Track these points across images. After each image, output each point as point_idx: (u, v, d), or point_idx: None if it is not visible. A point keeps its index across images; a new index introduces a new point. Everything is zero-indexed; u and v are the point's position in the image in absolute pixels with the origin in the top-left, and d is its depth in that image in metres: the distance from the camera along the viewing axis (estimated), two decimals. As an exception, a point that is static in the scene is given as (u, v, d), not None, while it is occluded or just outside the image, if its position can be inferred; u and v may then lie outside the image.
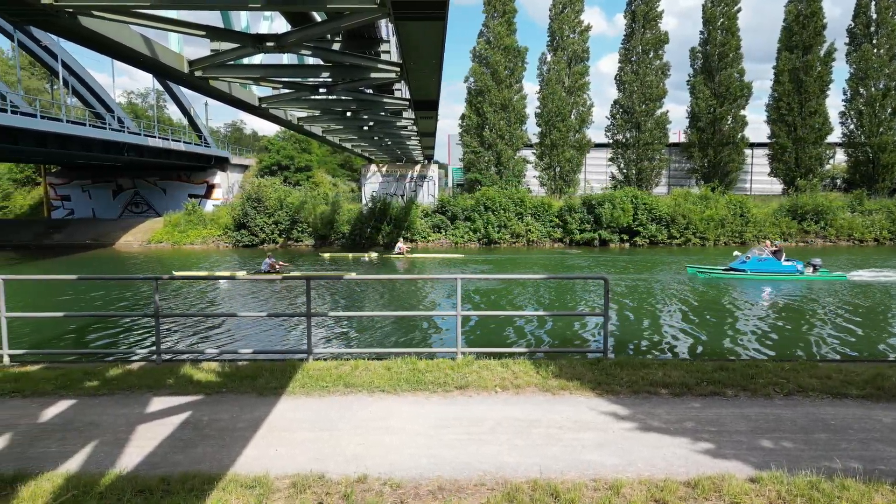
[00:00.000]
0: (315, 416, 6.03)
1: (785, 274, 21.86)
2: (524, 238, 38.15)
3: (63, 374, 7.21)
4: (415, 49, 10.23)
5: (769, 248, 22.93)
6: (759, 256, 22.60)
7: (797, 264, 22.18)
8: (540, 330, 14.66)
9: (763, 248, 23.12)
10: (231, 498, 4.38)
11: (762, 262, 22.38)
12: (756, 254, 22.78)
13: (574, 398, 6.45)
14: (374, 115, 20.30)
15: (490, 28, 41.71)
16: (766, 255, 22.47)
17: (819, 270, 21.81)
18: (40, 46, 33.56)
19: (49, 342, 13.56)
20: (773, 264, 22.24)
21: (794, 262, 22.42)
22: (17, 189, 49.97)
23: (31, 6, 7.39)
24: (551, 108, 41.93)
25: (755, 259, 22.55)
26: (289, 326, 14.97)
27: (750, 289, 20.67)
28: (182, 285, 21.48)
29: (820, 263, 21.97)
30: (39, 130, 27.78)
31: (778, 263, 22.24)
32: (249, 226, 38.70)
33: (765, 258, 22.43)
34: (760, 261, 22.41)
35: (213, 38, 11.10)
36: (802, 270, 21.96)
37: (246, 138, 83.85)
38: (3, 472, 4.73)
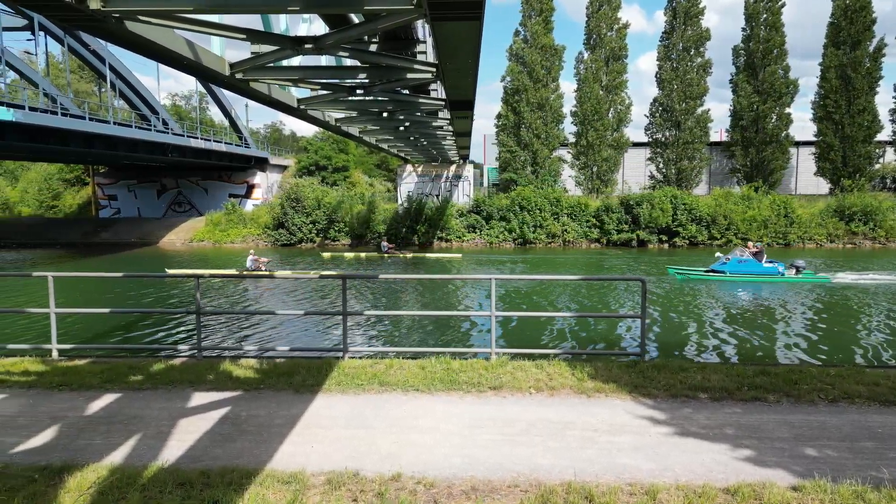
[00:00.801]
0: (350, 413, 6.09)
1: (765, 275, 21.60)
2: (560, 238, 37.85)
3: (109, 369, 7.45)
4: (451, 49, 10.25)
5: (750, 250, 22.81)
6: (739, 258, 22.49)
7: (778, 266, 21.97)
8: (575, 331, 14.52)
9: (744, 250, 22.99)
10: (268, 493, 4.46)
11: (742, 263, 22.23)
12: (737, 255, 22.66)
13: (610, 401, 6.38)
14: (410, 115, 20.40)
15: (527, 26, 41.49)
16: (747, 257, 22.33)
17: (803, 272, 21.59)
18: (89, 50, 34.69)
19: (96, 337, 14.01)
20: (753, 266, 22.03)
21: (775, 263, 22.21)
22: (66, 189, 51.75)
23: (80, 11, 7.65)
24: (588, 107, 41.49)
25: (735, 260, 22.45)
26: (325, 325, 15.16)
27: (727, 290, 20.28)
28: (223, 284, 21.95)
29: (803, 265, 21.82)
30: (88, 132, 28.74)
31: (758, 265, 22.03)
32: (288, 225, 39.33)
33: (745, 260, 22.28)
34: (740, 262, 22.28)
35: (253, 40, 11.31)
36: (783, 272, 21.73)
37: (285, 139, 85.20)
38: (52, 463, 4.92)
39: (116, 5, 7.83)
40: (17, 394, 6.71)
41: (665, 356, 11.86)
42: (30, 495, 4.36)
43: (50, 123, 25.88)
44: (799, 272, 21.52)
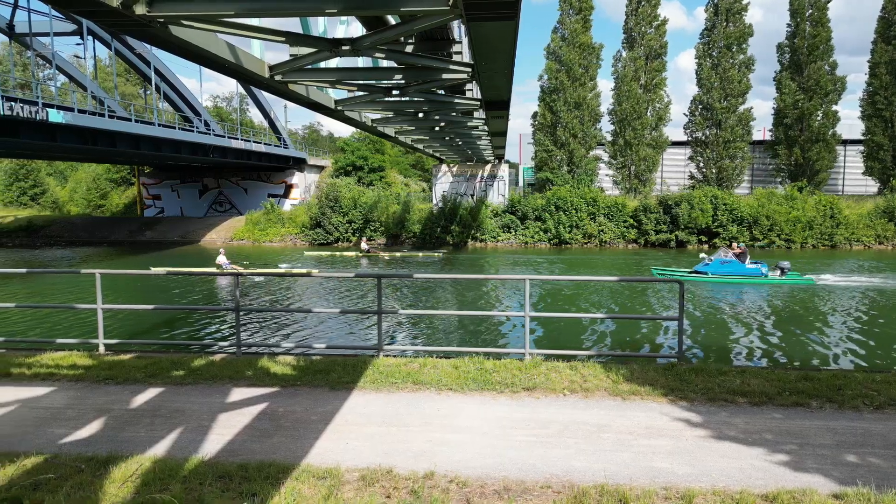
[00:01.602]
0: (384, 411, 6.16)
1: (748, 276, 21.43)
2: (597, 239, 37.45)
3: (152, 364, 7.68)
4: (486, 49, 10.25)
5: (734, 251, 22.77)
6: (721, 259, 22.45)
7: (762, 267, 21.81)
8: (610, 333, 14.37)
9: (728, 251, 22.93)
10: (304, 487, 4.55)
11: (725, 264, 22.14)
12: (722, 256, 22.59)
13: (645, 404, 6.30)
14: (446, 115, 20.46)
15: (565, 25, 41.16)
16: (730, 258, 22.27)
17: (787, 274, 21.37)
18: (134, 54, 35.76)
19: (140, 333, 14.45)
20: (735, 267, 21.94)
21: (759, 264, 22.06)
22: (113, 189, 53.43)
23: (126, 17, 7.91)
24: (626, 107, 40.92)
25: (717, 262, 22.40)
26: (360, 323, 15.32)
27: (710, 291, 20.12)
28: (262, 282, 22.38)
29: (788, 267, 21.55)
30: (134, 133, 29.62)
31: (741, 266, 21.92)
32: (325, 224, 39.85)
33: (728, 261, 22.20)
34: (723, 263, 22.19)
35: (292, 43, 11.50)
36: (766, 273, 21.58)
37: (322, 140, 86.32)
38: (98, 454, 5.10)
39: (161, 10, 8.07)
40: (66, 386, 6.97)
41: (702, 359, 11.66)
42: (77, 484, 4.54)
43: (98, 125, 26.76)
44: (784, 273, 21.34)
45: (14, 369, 7.53)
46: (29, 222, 45.53)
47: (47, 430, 5.71)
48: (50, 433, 5.64)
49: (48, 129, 24.60)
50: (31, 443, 5.38)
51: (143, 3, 7.86)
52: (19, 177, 53.09)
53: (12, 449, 5.21)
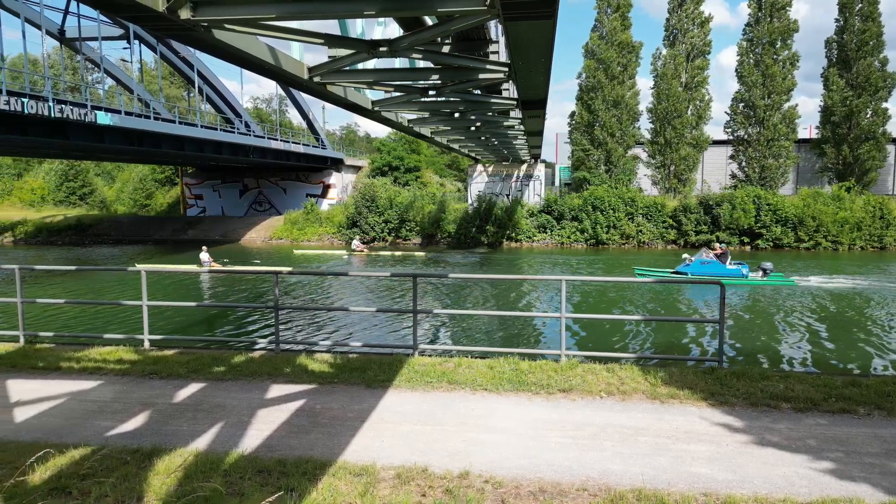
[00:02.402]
0: (419, 410, 6.19)
1: (728, 277, 20.97)
2: (634, 239, 36.92)
3: (194, 359, 7.88)
4: (523, 49, 10.20)
5: (715, 252, 22.87)
6: (702, 260, 22.56)
7: (742, 268, 21.77)
8: (648, 335, 14.15)
9: (709, 252, 23.05)
10: (340, 484, 4.60)
11: (705, 265, 22.19)
12: (704, 257, 22.70)
13: (684, 408, 6.19)
14: (482, 115, 20.43)
15: (603, 23, 40.69)
16: (710, 259, 22.34)
17: (769, 275, 21.29)
18: (179, 57, 36.69)
19: (183, 329, 14.83)
20: (716, 267, 21.91)
21: (739, 265, 22.04)
22: (158, 189, 54.93)
23: (172, 21, 8.12)
24: (666, 105, 40.20)
25: (698, 262, 22.50)
26: (396, 322, 15.43)
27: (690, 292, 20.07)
28: (299, 280, 22.74)
29: (771, 268, 21.50)
30: (177, 135, 30.40)
31: (721, 267, 21.89)
32: (361, 224, 40.24)
33: (708, 261, 22.28)
34: (703, 264, 22.25)
35: (331, 45, 11.64)
36: (747, 274, 21.53)
37: (359, 140, 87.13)
38: (143, 446, 5.26)
39: (205, 14, 8.27)
40: (113, 380, 7.21)
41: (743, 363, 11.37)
42: (123, 476, 4.69)
43: (143, 127, 27.54)
44: (766, 274, 21.25)
45: (64, 363, 7.81)
46: (78, 221, 47.12)
47: (95, 423, 5.91)
48: (97, 425, 5.84)
49: (96, 130, 25.43)
50: (79, 434, 5.58)
51: (188, 8, 8.07)
52: (69, 177, 54.96)
53: (62, 440, 5.41)
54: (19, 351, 8.41)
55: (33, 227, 45.57)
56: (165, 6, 7.67)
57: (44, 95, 21.81)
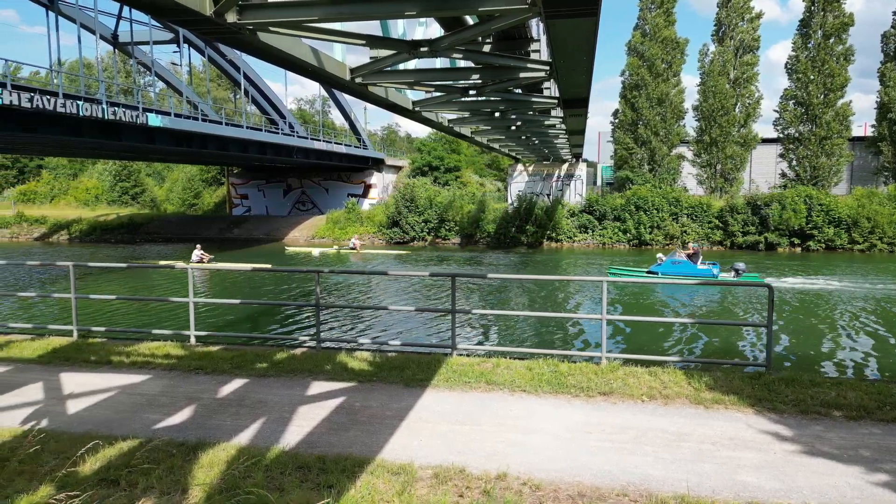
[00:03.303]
0: (457, 410, 6.18)
1: (698, 277, 21.34)
2: (679, 240, 36.13)
3: (238, 356, 8.05)
4: (565, 47, 10.08)
5: (688, 252, 23.11)
6: (673, 259, 22.76)
7: (713, 268, 21.99)
8: (692, 339, 13.82)
9: (681, 252, 23.32)
10: (378, 482, 4.63)
11: (676, 265, 22.36)
12: (678, 256, 22.89)
13: (730, 413, 6.02)
14: (522, 114, 20.31)
15: (646, 20, 39.96)
16: (682, 259, 22.53)
17: (742, 275, 20.91)
18: (226, 60, 37.58)
19: (227, 326, 15.17)
20: (686, 267, 22.11)
21: (710, 265, 22.26)
22: (205, 188, 56.38)
23: (219, 24, 8.32)
24: (713, 103, 39.21)
25: (669, 262, 22.66)
26: (434, 321, 15.46)
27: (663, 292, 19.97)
28: (341, 279, 23.02)
29: (743, 268, 21.11)
30: (223, 135, 31.16)
31: (692, 267, 22.10)
32: (401, 224, 40.49)
33: (679, 261, 22.47)
34: (674, 264, 22.43)
35: (372, 46, 11.74)
36: (717, 274, 21.62)
37: (400, 141, 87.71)
38: (188, 440, 5.40)
39: (250, 18, 8.44)
40: (160, 375, 7.42)
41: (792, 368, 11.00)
42: (168, 468, 4.82)
43: (191, 128, 28.30)
44: (739, 274, 20.87)
45: (114, 357, 8.08)
46: (130, 220, 48.76)
47: (142, 416, 6.09)
48: (145, 418, 6.02)
49: (147, 131, 26.26)
50: (128, 427, 5.76)
51: (234, 12, 8.24)
52: (121, 177, 56.88)
53: (112, 432, 5.59)
54: (73, 345, 8.74)
55: (88, 226, 47.34)
56: (213, 10, 7.86)
57: (98, 98, 22.63)
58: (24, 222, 48.36)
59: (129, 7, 26.83)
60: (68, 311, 9.76)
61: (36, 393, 6.81)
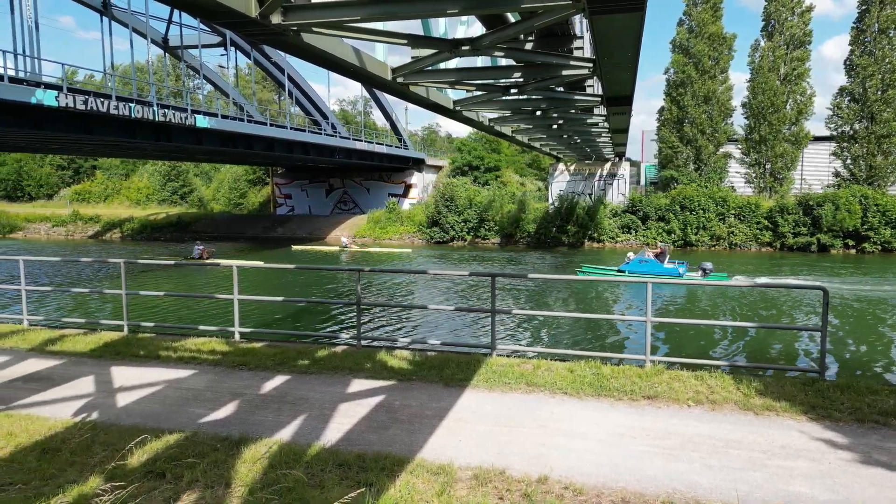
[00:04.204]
0: (497, 411, 6.12)
1: (664, 276, 21.62)
2: (726, 241, 35.19)
3: (280, 352, 8.16)
4: (609, 43, 9.90)
5: (654, 251, 23.64)
6: (640, 258, 23.23)
7: (679, 267, 22.41)
8: (740, 343, 13.44)
9: (649, 251, 23.82)
10: (418, 482, 4.61)
11: (642, 263, 22.77)
12: (647, 256, 23.27)
13: (781, 420, 5.79)
14: (564, 113, 20.07)
15: (692, 15, 39.01)
16: (649, 258, 22.95)
17: (709, 274, 21.38)
18: (271, 62, 38.25)
19: (271, 323, 15.43)
20: (653, 266, 22.55)
21: (677, 265, 22.66)
22: (250, 188, 57.57)
23: (264, 26, 8.44)
24: (763, 99, 38.02)
25: (636, 261, 23.17)
26: (473, 321, 15.41)
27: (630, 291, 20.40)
28: (381, 278, 23.17)
29: (710, 268, 21.63)
30: (268, 136, 31.75)
31: (659, 266, 22.58)
32: (441, 223, 40.55)
33: (646, 260, 22.92)
34: (641, 262, 22.86)
35: (414, 45, 11.76)
36: (683, 273, 21.94)
37: (440, 140, 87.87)
38: (231, 434, 5.48)
39: (295, 19, 8.54)
40: (206, 370, 7.57)
41: (846, 375, 10.57)
42: (213, 462, 4.90)
43: (237, 129, 28.92)
44: (706, 274, 21.40)
45: (162, 352, 8.29)
46: (178, 219, 50.16)
47: (188, 410, 6.22)
48: (190, 412, 6.15)
49: (195, 132, 26.94)
50: (174, 421, 5.89)
51: (279, 13, 8.36)
52: (171, 177, 58.56)
53: (159, 426, 5.73)
54: (123, 340, 9.00)
55: (139, 224, 48.89)
56: (258, 12, 7.98)
57: (149, 100, 23.32)
58: (79, 221, 50.26)
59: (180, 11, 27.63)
60: (119, 307, 10.07)
61: (88, 386, 7.04)
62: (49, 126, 20.14)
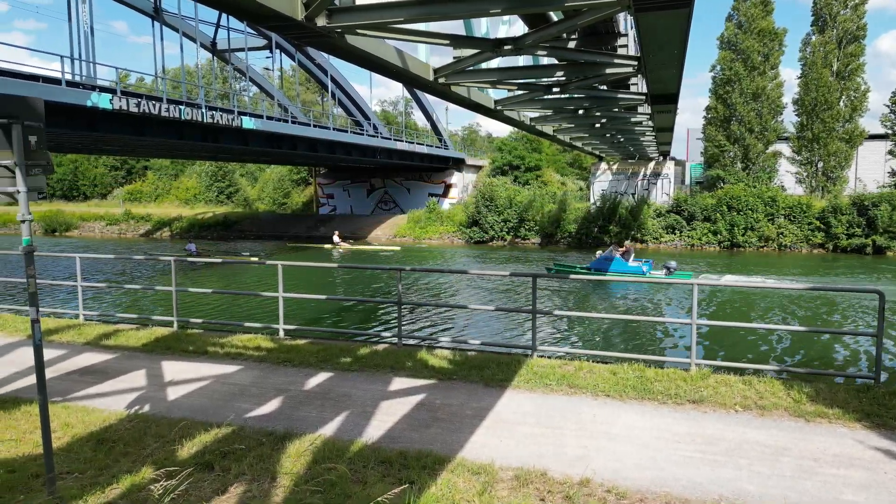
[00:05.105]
0: (538, 411, 6.09)
1: (628, 274, 21.83)
2: (775, 242, 34.14)
3: (323, 350, 8.29)
4: (655, 41, 9.73)
5: (618, 249, 23.80)
6: (604, 256, 23.64)
7: (643, 265, 22.65)
8: (790, 347, 13.02)
9: (617, 249, 23.92)
10: (459, 481, 4.62)
11: (606, 261, 23.18)
12: (613, 254, 23.48)
13: (833, 428, 5.60)
14: (607, 111, 19.79)
15: (741, 10, 37.98)
16: (614, 256, 23.26)
17: (673, 273, 21.47)
18: (314, 64, 38.87)
19: (314, 320, 15.67)
20: (617, 264, 22.88)
21: (641, 263, 22.88)
22: (294, 188, 58.60)
23: (308, 29, 8.60)
24: (815, 96, 36.76)
25: (602, 258, 23.64)
26: (514, 321, 15.34)
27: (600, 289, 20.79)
28: (421, 277, 23.28)
29: (675, 266, 21.88)
30: (311, 137, 32.29)
31: (623, 263, 22.86)
32: (481, 223, 40.47)
33: (611, 258, 23.23)
34: (606, 260, 23.25)
35: (456, 45, 11.78)
36: (647, 272, 22.20)
37: (480, 140, 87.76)
38: (276, 430, 5.60)
39: (339, 21, 8.67)
40: (251, 366, 7.75)
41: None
42: (258, 456, 5.02)
43: (282, 130, 29.50)
44: (670, 272, 21.47)
45: (210, 348, 8.52)
46: (225, 218, 51.38)
47: (235, 405, 6.38)
48: (237, 407, 6.30)
49: (242, 134, 27.59)
50: (221, 415, 6.05)
51: (324, 16, 8.49)
52: (217, 178, 60.05)
53: (207, 419, 5.89)
54: (173, 335, 9.29)
55: (187, 223, 50.29)
56: (303, 15, 8.13)
57: (198, 103, 23.98)
58: (132, 220, 51.97)
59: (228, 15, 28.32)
60: (169, 303, 10.39)
61: (140, 379, 7.29)
62: (102, 127, 20.92)
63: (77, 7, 24.04)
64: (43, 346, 4.56)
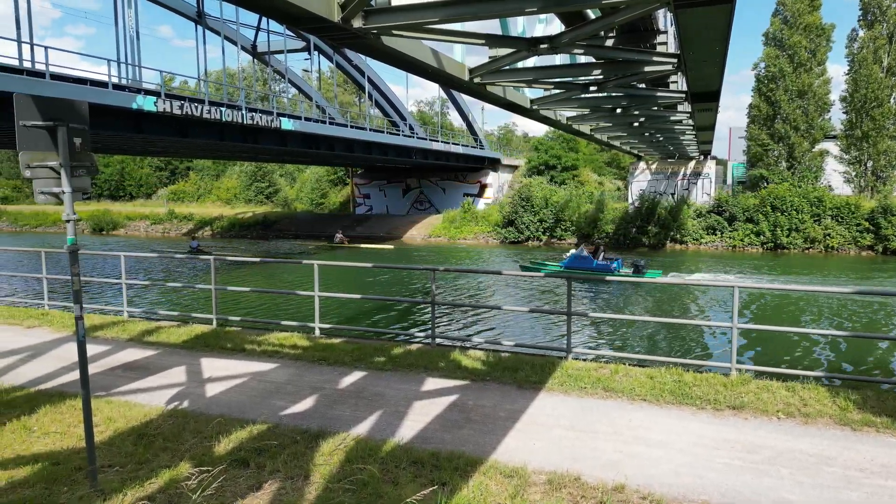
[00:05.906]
0: (572, 415, 6.01)
1: (598, 272, 22.29)
2: (821, 244, 33.08)
3: (358, 349, 8.35)
4: (696, 38, 9.52)
5: (590, 248, 24.33)
6: (576, 254, 23.96)
7: (612, 264, 23.03)
8: (835, 353, 12.59)
9: (589, 247, 24.57)
10: (491, 483, 4.60)
11: (578, 259, 23.50)
12: (584, 252, 23.91)
13: (881, 437, 5.39)
14: (646, 110, 19.46)
15: (787, 5, 36.90)
16: (585, 254, 23.70)
17: (644, 272, 21.94)
18: (352, 65, 39.26)
19: (349, 320, 15.82)
20: (587, 262, 23.26)
21: (610, 262, 23.26)
22: (331, 188, 59.32)
23: (345, 30, 8.68)
24: (864, 93, 35.49)
25: (573, 256, 23.96)
26: (548, 323, 15.21)
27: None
28: (456, 278, 23.30)
29: (643, 265, 22.50)
30: (348, 137, 32.62)
31: (592, 262, 23.27)
32: (516, 223, 40.27)
33: (583, 256, 23.60)
34: (578, 258, 23.57)
35: (491, 45, 11.74)
36: (616, 270, 22.57)
37: (516, 140, 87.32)
38: (310, 428, 5.66)
39: (375, 22, 8.72)
40: (287, 364, 7.86)
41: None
42: (293, 454, 5.07)
43: (319, 131, 29.88)
44: (639, 270, 21.88)
45: (247, 346, 8.67)
46: (264, 217, 52.32)
47: (270, 402, 6.47)
48: (272, 404, 6.39)
49: (280, 135, 28.05)
50: (257, 412, 6.14)
51: (360, 17, 8.56)
52: (257, 178, 61.22)
53: (243, 416, 5.99)
54: (212, 333, 9.48)
55: (227, 223, 51.37)
56: (340, 16, 8.20)
57: (238, 105, 24.45)
58: (175, 219, 53.36)
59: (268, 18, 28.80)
60: (209, 301, 10.61)
61: (179, 375, 7.46)
62: (147, 129, 21.52)
63: (123, 12, 24.78)
64: (87, 342, 4.69)
